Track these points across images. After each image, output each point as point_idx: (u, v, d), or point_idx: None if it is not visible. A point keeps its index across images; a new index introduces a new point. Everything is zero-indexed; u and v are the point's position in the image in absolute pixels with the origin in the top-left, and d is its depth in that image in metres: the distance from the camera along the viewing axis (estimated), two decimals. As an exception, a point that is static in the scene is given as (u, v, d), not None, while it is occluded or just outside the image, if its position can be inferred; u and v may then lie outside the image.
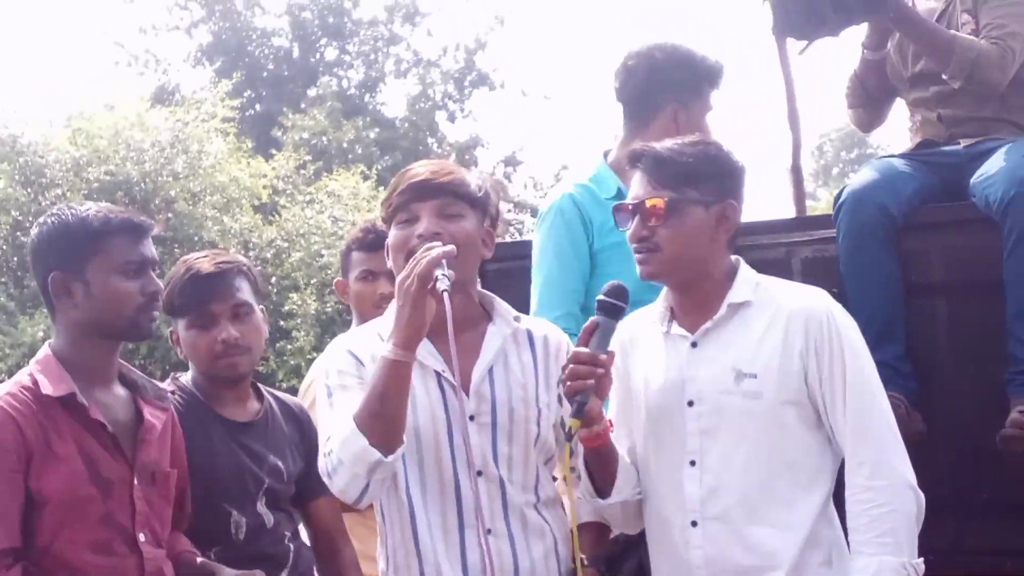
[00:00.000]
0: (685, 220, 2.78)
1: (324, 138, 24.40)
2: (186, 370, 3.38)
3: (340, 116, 25.33)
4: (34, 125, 17.97)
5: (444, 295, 2.57)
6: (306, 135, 24.08)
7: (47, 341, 2.96)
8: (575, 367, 2.64)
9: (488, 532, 2.71)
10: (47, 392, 2.77)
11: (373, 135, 25.95)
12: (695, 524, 2.74)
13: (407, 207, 2.81)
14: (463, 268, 2.73)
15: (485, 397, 2.79)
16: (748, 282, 2.83)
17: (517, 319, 2.91)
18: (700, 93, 3.72)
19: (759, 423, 2.71)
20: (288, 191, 19.86)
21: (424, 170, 2.85)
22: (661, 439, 2.82)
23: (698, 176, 2.80)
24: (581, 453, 2.81)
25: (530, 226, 23.11)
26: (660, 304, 2.91)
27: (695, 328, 2.81)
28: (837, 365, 2.71)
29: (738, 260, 2.88)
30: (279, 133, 24.35)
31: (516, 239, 17.27)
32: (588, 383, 2.63)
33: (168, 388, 3.18)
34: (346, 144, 24.65)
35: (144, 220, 2.96)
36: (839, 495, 2.73)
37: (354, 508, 2.92)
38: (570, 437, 2.69)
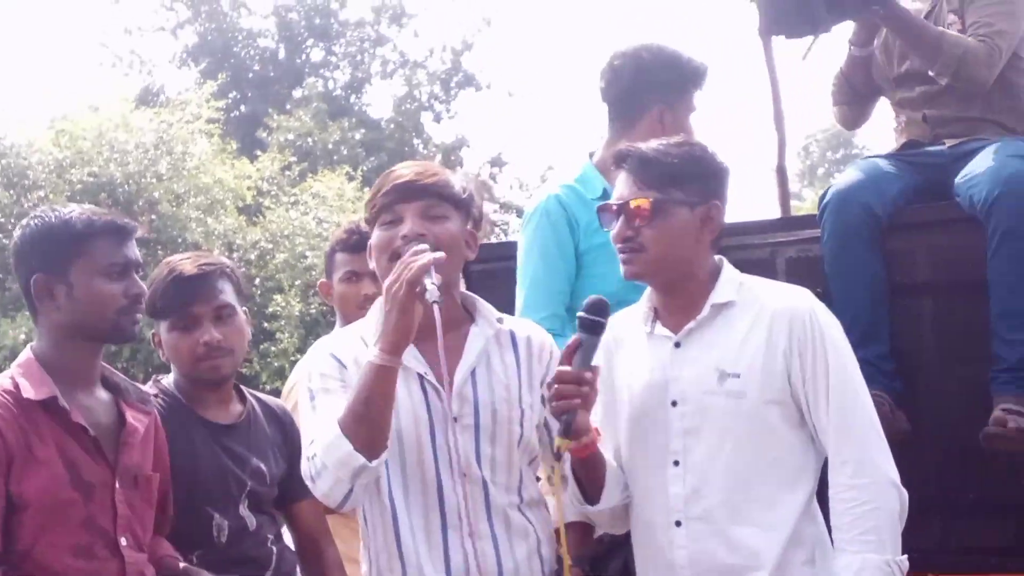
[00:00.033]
0: (670, 221, 2.78)
1: (309, 139, 24.39)
2: (169, 373, 3.36)
3: (326, 117, 25.32)
4: (17, 127, 17.90)
5: (434, 307, 2.57)
6: (291, 136, 24.07)
7: (29, 344, 2.94)
8: (561, 387, 2.64)
9: (471, 534, 2.71)
10: (28, 396, 2.75)
11: (359, 136, 25.95)
12: (679, 524, 2.74)
13: (391, 208, 2.80)
14: (447, 270, 2.72)
15: (468, 399, 2.78)
16: (731, 282, 2.83)
17: (500, 320, 2.90)
18: (685, 94, 3.72)
19: (743, 423, 2.71)
20: (273, 192, 19.85)
21: (408, 171, 2.84)
22: (645, 439, 2.81)
23: (683, 177, 2.80)
24: (568, 459, 2.80)
25: (516, 227, 23.12)
26: (643, 304, 2.90)
27: (678, 328, 2.81)
28: (820, 364, 2.71)
29: (721, 260, 2.88)
30: (264, 134, 24.32)
31: (502, 240, 17.30)
32: (575, 403, 2.63)
33: (150, 391, 3.16)
34: (331, 145, 24.64)
35: (128, 222, 2.95)
36: (823, 493, 2.73)
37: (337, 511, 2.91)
38: (559, 457, 2.69)
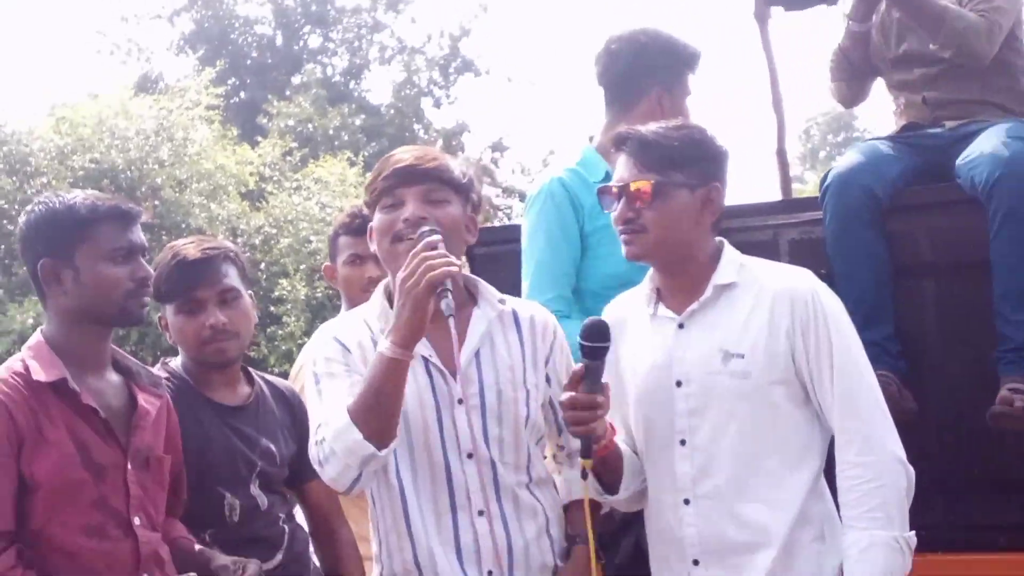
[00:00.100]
0: (670, 203, 2.79)
1: (310, 125, 24.35)
2: (178, 356, 3.39)
3: (325, 103, 25.27)
4: (18, 114, 17.93)
5: (449, 320, 2.61)
6: (291, 122, 24.03)
7: (39, 327, 2.96)
8: (576, 413, 2.64)
9: (480, 513, 2.74)
10: (38, 378, 2.78)
11: (359, 122, 25.89)
12: (687, 502, 2.76)
13: (392, 192, 2.82)
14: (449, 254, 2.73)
15: (473, 380, 2.80)
16: (733, 263, 2.84)
17: (502, 301, 2.92)
18: (682, 77, 3.75)
19: (747, 402, 2.72)
20: (275, 178, 19.83)
21: (409, 156, 2.86)
22: (651, 420, 2.83)
23: (683, 159, 2.81)
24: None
25: (519, 211, 23.10)
26: (646, 286, 2.91)
27: (681, 309, 2.82)
28: (823, 343, 2.72)
29: (722, 242, 2.89)
30: (264, 120, 24.28)
31: (505, 223, 17.30)
32: (592, 427, 2.64)
33: (159, 373, 3.19)
34: (332, 131, 24.60)
35: (132, 207, 2.97)
36: (830, 471, 2.75)
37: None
38: (585, 475, 2.70)
